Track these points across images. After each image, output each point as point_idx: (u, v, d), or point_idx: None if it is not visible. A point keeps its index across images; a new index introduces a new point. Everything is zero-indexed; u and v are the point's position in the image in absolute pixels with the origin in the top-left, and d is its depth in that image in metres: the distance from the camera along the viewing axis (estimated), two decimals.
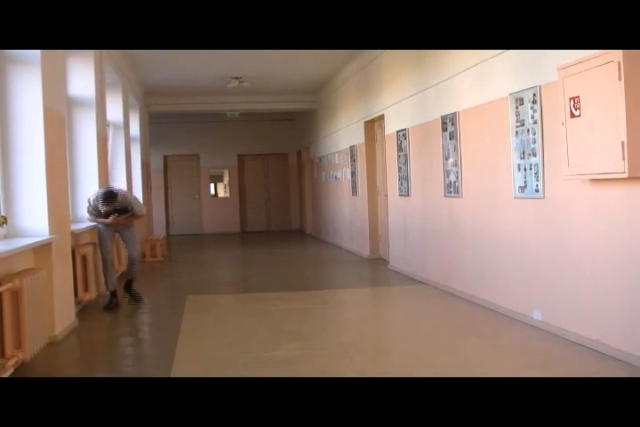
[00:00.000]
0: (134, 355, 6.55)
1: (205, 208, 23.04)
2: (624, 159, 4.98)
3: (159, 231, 19.64)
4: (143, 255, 14.01)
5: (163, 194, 22.36)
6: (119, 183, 12.63)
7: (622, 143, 4.97)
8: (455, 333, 6.84)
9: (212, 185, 23.45)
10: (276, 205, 23.56)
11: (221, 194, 23.56)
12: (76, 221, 9.36)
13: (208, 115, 20.63)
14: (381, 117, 12.19)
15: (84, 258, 8.29)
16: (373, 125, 13.26)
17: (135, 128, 15.46)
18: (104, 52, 10.49)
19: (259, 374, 5.27)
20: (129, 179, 13.18)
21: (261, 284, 10.80)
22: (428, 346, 6.33)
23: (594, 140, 5.34)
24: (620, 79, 4.98)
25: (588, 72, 5.34)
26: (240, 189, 23.25)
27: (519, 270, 7.07)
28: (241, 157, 23.10)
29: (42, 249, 6.61)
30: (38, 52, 6.60)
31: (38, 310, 5.91)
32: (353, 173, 14.53)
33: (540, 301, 6.61)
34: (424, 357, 5.93)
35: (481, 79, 7.81)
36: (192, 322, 7.64)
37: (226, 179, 23.33)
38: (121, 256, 11.22)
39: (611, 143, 5.10)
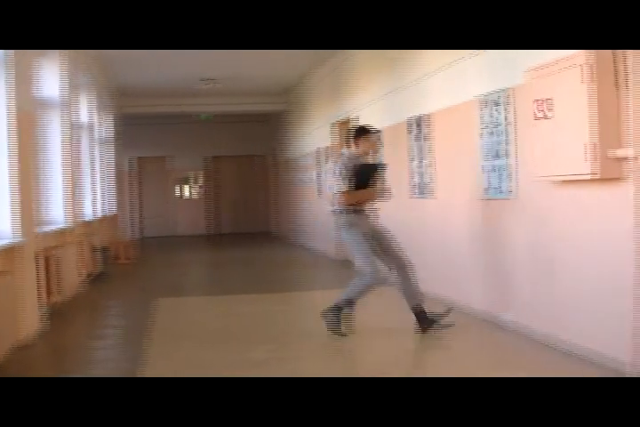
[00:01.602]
0: (103, 358, 6.46)
1: (177, 210, 22.95)
2: (591, 160, 5.05)
3: (130, 233, 19.57)
4: (115, 257, 13.96)
5: (134, 196, 22.25)
6: (89, 186, 12.58)
7: (587, 145, 5.05)
8: (423, 334, 6.87)
9: (184, 187, 23.37)
10: (247, 207, 23.52)
11: (194, 196, 23.49)
12: (41, 223, 9.20)
13: (180, 116, 20.57)
14: (351, 119, 12.20)
15: (50, 261, 8.15)
16: (343, 127, 13.27)
17: (106, 130, 15.41)
18: (74, 52, 10.44)
19: (233, 376, 5.27)
20: (100, 181, 13.14)
21: (233, 286, 10.80)
22: (398, 346, 6.37)
23: (562, 141, 5.40)
24: (585, 82, 5.05)
25: (556, 75, 5.40)
26: (212, 190, 23.19)
27: (489, 271, 7.12)
28: (213, 159, 23.04)
29: (7, 252, 6.54)
30: (9, 52, 6.57)
31: (3, 313, 5.85)
32: (321, 175, 14.55)
33: (511, 301, 6.66)
34: (394, 359, 5.97)
35: (451, 81, 7.87)
36: (163, 325, 7.61)
37: (198, 181, 23.26)
38: (92, 257, 11.15)
39: (578, 145, 5.16)
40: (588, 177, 5.10)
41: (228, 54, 12.42)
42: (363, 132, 6.84)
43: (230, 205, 23.39)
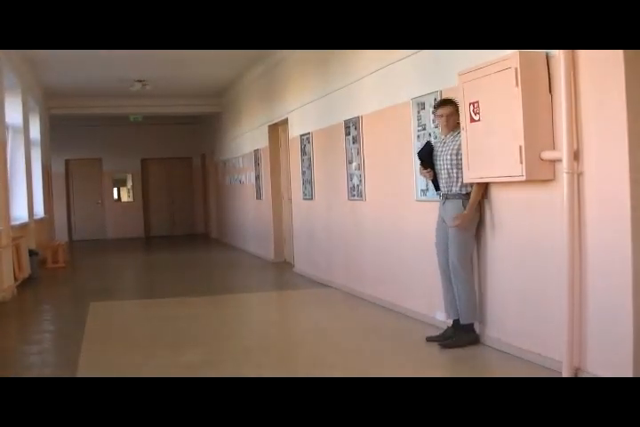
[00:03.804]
0: (35, 364, 6.31)
1: (109, 213, 22.67)
2: (522, 163, 5.10)
3: (61, 237, 19.25)
4: (44, 261, 13.69)
5: (64, 199, 21.91)
6: (19, 188, 12.34)
7: (520, 147, 5.09)
8: (360, 335, 6.89)
9: (116, 189, 23.10)
10: (180, 210, 23.34)
11: (125, 198, 23.24)
12: None
13: (111, 118, 20.29)
14: (285, 121, 12.20)
15: None
16: (277, 129, 13.26)
17: (35, 132, 15.13)
18: (1, 52, 10.21)
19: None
20: (29, 183, 12.89)
21: (166, 289, 10.70)
22: (334, 349, 6.36)
23: (493, 144, 5.44)
24: (517, 85, 5.10)
25: (487, 78, 5.44)
26: (144, 193, 22.95)
27: (422, 272, 7.15)
28: (144, 161, 22.82)
29: None
30: None
31: None
32: (257, 177, 14.51)
33: (442, 301, 6.69)
34: (329, 359, 5.96)
35: (384, 84, 7.89)
36: (96, 329, 7.50)
37: (129, 183, 23.01)
38: (22, 261, 10.95)
39: (509, 147, 5.21)
40: (523, 179, 5.15)
41: (159, 56, 12.29)
42: (435, 106, 6.30)
43: (164, 207, 23.18)
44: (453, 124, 6.09)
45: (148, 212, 23.08)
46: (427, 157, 6.31)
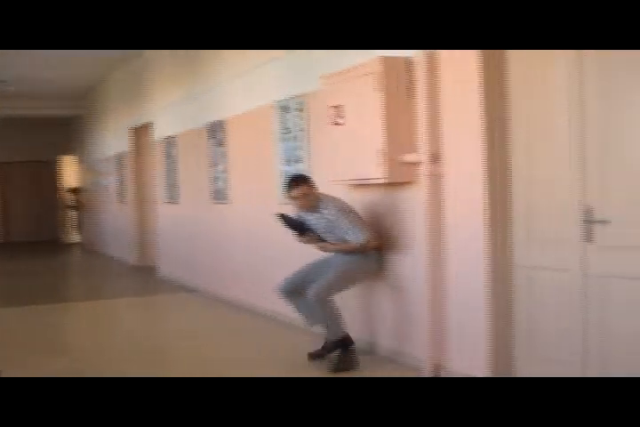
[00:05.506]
0: None
1: None
2: (382, 166, 5.19)
3: None
4: None
5: None
6: None
7: (380, 150, 5.18)
8: (226, 339, 6.88)
9: None
10: (41, 214, 22.63)
11: None
12: None
13: None
14: (150, 124, 12.04)
15: None
16: (142, 132, 13.08)
17: None
18: None
19: None
20: None
21: (25, 296, 10.35)
22: (200, 354, 6.32)
23: (355, 147, 5.52)
24: (377, 89, 5.18)
25: (350, 82, 5.51)
26: (3, 197, 22.20)
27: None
28: (3, 165, 22.06)
29: None
30: None
31: None
32: (121, 180, 14.29)
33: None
34: (199, 363, 5.95)
35: (249, 86, 7.90)
36: None
37: None
38: None
39: (370, 150, 5.29)
40: (383, 181, 5.25)
41: (21, 55, 11.90)
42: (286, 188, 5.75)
43: (26, 212, 22.45)
44: (314, 200, 5.62)
45: (8, 216, 22.33)
46: (298, 224, 5.77)
